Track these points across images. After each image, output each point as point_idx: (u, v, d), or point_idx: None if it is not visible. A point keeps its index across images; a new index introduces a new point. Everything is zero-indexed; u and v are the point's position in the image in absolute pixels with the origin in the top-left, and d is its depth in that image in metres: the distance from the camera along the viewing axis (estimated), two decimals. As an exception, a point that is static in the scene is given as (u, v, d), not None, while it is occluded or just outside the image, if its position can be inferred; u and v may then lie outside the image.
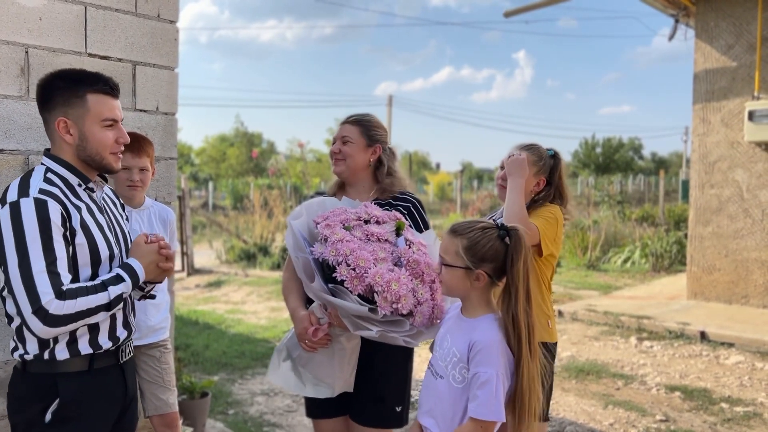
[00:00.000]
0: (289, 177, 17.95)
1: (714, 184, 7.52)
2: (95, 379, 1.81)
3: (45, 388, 1.75)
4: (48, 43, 2.45)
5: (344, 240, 2.00)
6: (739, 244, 7.35)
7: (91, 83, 1.83)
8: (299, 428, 4.05)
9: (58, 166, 1.81)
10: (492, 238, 1.78)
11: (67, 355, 1.75)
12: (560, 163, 2.55)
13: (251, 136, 42.55)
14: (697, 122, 7.64)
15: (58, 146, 1.84)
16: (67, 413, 1.75)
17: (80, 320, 1.67)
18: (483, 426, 1.71)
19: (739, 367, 5.35)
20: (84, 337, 1.77)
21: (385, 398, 2.38)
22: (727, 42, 7.39)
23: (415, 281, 2.00)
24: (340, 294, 1.99)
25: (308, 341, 2.19)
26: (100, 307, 1.70)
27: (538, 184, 2.50)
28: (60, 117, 1.80)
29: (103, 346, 1.81)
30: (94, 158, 1.83)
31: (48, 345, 1.74)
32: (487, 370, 1.70)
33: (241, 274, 10.50)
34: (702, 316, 6.80)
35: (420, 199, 2.50)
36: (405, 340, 1.98)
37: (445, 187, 33.50)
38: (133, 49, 2.71)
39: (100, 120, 1.82)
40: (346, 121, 2.50)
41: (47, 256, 1.64)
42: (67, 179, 1.81)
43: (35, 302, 1.60)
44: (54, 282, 1.62)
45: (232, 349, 5.92)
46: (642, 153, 47.32)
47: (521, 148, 2.53)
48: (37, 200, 1.67)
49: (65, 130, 1.80)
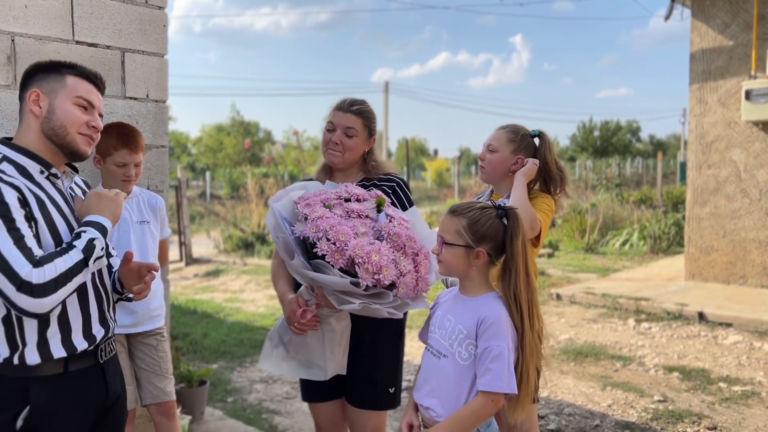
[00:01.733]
0: (285, 165, 17.92)
1: (711, 165, 7.50)
2: (71, 383, 1.70)
3: (16, 393, 1.64)
4: (34, 30, 2.42)
5: (324, 217, 2.01)
6: (736, 224, 7.35)
7: (73, 66, 1.78)
8: (298, 414, 4.06)
9: (16, 154, 1.70)
10: (491, 217, 1.82)
11: (38, 360, 1.64)
12: (545, 143, 2.50)
13: (248, 125, 42.45)
14: (694, 102, 7.61)
15: (24, 124, 1.74)
16: (39, 421, 1.64)
17: (67, 282, 1.58)
18: (493, 399, 1.75)
19: (737, 346, 5.36)
20: (55, 337, 1.66)
21: (378, 381, 2.39)
22: (724, 21, 7.34)
23: (397, 253, 2.01)
24: (322, 269, 2.00)
25: (297, 324, 2.20)
26: (78, 263, 1.60)
27: (517, 162, 2.47)
28: (33, 89, 1.72)
29: (78, 347, 1.71)
30: (57, 132, 1.72)
31: (18, 347, 1.63)
32: (499, 343, 1.74)
33: (239, 262, 10.50)
34: (700, 296, 6.82)
35: (404, 179, 2.51)
36: (389, 311, 2.00)
37: (442, 173, 33.48)
38: (122, 36, 2.67)
39: (73, 96, 1.74)
40: (349, 110, 2.40)
41: (13, 235, 1.55)
42: (24, 167, 1.70)
43: (16, 279, 1.51)
44: (27, 255, 1.54)
45: (230, 337, 5.93)
46: (640, 136, 47.27)
47: (501, 128, 2.55)
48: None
49: (35, 102, 1.72)
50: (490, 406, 1.76)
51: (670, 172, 24.11)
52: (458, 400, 1.80)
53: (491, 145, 2.51)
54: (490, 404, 1.75)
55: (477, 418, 1.77)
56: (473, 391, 1.78)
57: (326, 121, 2.44)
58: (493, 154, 2.50)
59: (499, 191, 2.57)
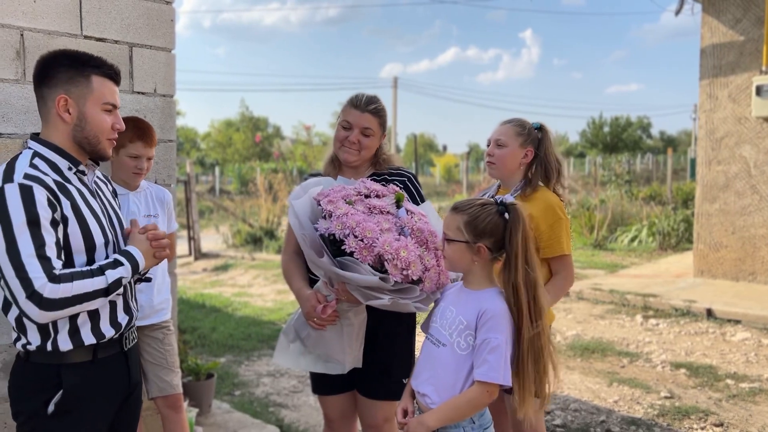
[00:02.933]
0: (294, 161, 17.96)
1: (721, 161, 7.45)
2: (99, 370, 1.79)
3: (48, 378, 1.73)
4: (43, 25, 2.44)
5: (349, 214, 2.03)
6: (746, 220, 7.30)
7: (97, 65, 1.80)
8: (305, 408, 4.08)
9: (47, 150, 1.76)
10: (491, 213, 1.85)
11: (70, 346, 1.73)
12: (547, 136, 2.54)
13: (257, 120, 42.54)
14: (704, 98, 7.56)
15: (52, 126, 1.78)
16: (70, 405, 1.73)
17: (78, 304, 1.64)
18: (489, 390, 1.79)
19: (746, 343, 5.34)
20: (86, 325, 1.75)
21: (391, 371, 2.42)
22: (735, 16, 7.28)
23: (421, 248, 2.04)
24: (351, 266, 2.02)
25: (317, 319, 2.20)
26: (98, 291, 1.67)
27: (526, 155, 2.52)
28: (61, 94, 1.74)
29: (106, 334, 1.79)
30: (90, 141, 1.79)
31: (50, 335, 1.71)
32: (497, 336, 1.78)
33: (247, 257, 10.54)
34: (708, 293, 6.78)
35: (414, 174, 2.54)
36: (416, 305, 2.04)
37: (451, 169, 33.43)
38: (129, 30, 2.69)
39: (101, 102, 1.79)
40: (366, 109, 2.38)
41: (35, 240, 1.60)
42: (55, 163, 1.76)
43: (28, 287, 1.57)
44: (45, 266, 1.59)
45: (238, 331, 5.96)
46: (650, 131, 47.01)
47: (507, 123, 2.57)
48: (22, 186, 1.62)
49: (64, 109, 1.75)
50: (485, 397, 1.80)
51: (680, 169, 23.98)
52: (453, 389, 1.84)
53: (499, 139, 2.52)
54: (485, 394, 1.79)
55: (472, 407, 1.81)
56: (469, 381, 1.82)
57: (340, 118, 2.43)
58: (502, 148, 2.52)
59: (506, 186, 2.58)
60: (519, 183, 2.54)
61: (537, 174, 2.51)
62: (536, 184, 2.50)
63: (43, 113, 1.80)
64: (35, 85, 1.81)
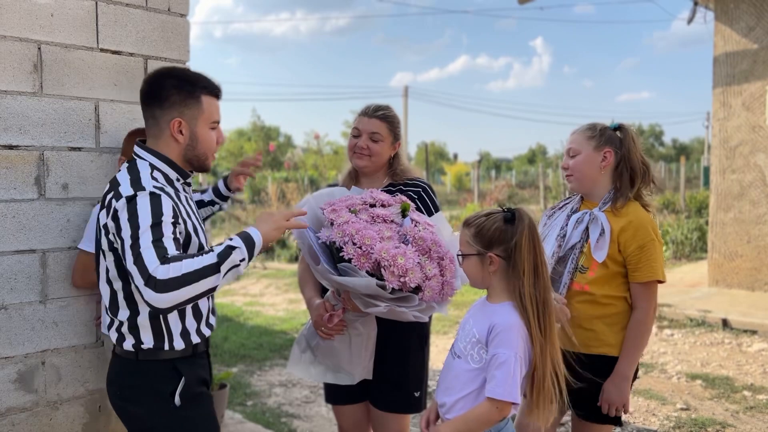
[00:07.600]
0: (305, 170, 18.00)
1: (735, 169, 7.39)
2: (198, 363, 1.95)
3: (166, 372, 1.86)
4: (60, 39, 2.47)
5: (350, 222, 2.04)
6: (761, 229, 7.23)
7: (206, 86, 1.91)
8: (317, 419, 4.07)
9: (160, 162, 1.89)
10: (496, 220, 1.84)
11: (182, 345, 1.87)
12: (628, 135, 2.30)
13: (268, 129, 42.69)
14: (718, 106, 7.51)
15: (163, 143, 1.90)
16: (192, 392, 1.87)
17: (189, 284, 1.64)
18: (499, 407, 1.75)
19: (763, 354, 5.27)
20: (192, 327, 1.90)
21: (403, 384, 2.41)
22: (748, 24, 7.25)
23: (422, 257, 2.03)
24: (349, 272, 2.03)
25: (324, 328, 2.22)
26: (209, 267, 1.66)
27: (605, 157, 2.29)
28: (176, 117, 1.87)
29: (205, 334, 1.96)
30: (200, 158, 1.93)
31: (163, 338, 1.85)
32: (505, 351, 1.75)
33: (259, 266, 10.57)
34: (724, 303, 6.71)
35: (430, 185, 2.53)
36: (414, 314, 2.03)
37: (462, 178, 33.37)
38: (145, 43, 2.72)
39: (210, 122, 1.91)
40: (374, 115, 2.43)
41: (155, 234, 1.70)
42: (167, 175, 1.90)
43: (144, 273, 1.64)
44: (159, 253, 1.67)
45: (250, 341, 5.96)
46: (663, 140, 46.75)
47: (576, 131, 2.39)
48: (152, 194, 1.75)
49: (178, 131, 1.88)
50: (495, 413, 1.75)
51: (693, 177, 23.81)
52: (465, 402, 1.82)
53: (571, 149, 2.34)
54: (495, 411, 1.75)
55: (481, 423, 1.78)
56: (481, 396, 1.79)
57: (352, 127, 2.49)
58: (575, 157, 2.33)
59: (591, 198, 2.36)
60: (607, 194, 2.32)
61: (625, 182, 2.29)
62: (627, 195, 2.28)
63: (154, 131, 1.93)
64: (145, 104, 1.93)
